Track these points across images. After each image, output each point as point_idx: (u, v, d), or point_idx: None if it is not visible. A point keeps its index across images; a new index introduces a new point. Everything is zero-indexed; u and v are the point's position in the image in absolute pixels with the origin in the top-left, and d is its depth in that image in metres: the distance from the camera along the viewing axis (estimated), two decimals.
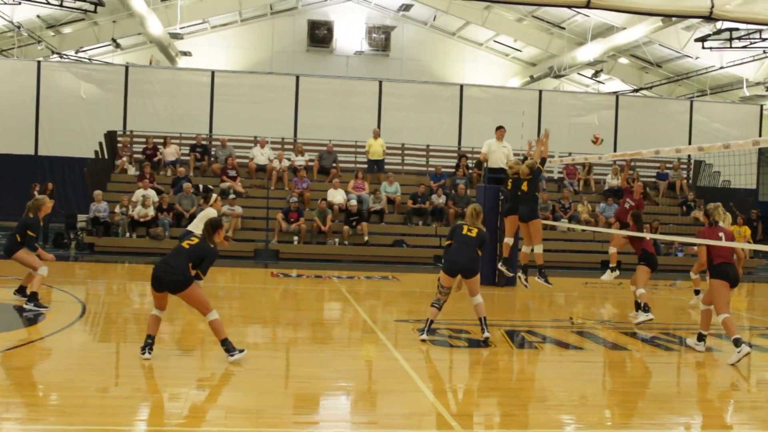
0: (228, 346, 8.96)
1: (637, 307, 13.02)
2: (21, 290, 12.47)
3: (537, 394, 8.66)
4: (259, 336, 11.26)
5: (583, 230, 22.88)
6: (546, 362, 10.25)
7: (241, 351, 9.02)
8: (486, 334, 10.60)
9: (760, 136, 28.59)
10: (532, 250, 14.31)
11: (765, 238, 28.26)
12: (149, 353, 8.88)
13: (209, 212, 13.98)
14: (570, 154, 24.67)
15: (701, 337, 10.79)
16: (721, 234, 10.31)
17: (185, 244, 9.15)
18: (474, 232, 10.74)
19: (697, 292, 15.49)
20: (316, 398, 7.99)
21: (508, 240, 14.97)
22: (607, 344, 11.32)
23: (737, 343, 9.90)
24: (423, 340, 10.43)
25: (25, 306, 11.82)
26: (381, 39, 39.82)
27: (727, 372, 9.83)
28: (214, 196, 14.59)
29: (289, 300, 15.11)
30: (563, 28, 35.39)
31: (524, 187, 13.97)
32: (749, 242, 22.38)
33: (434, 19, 40.06)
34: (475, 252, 10.73)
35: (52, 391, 7.75)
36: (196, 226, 13.76)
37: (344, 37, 39.86)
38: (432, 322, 10.66)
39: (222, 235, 9.38)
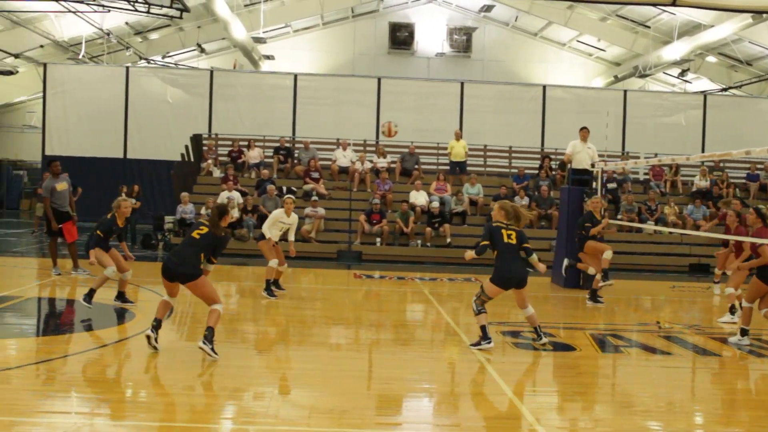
0: (208, 335, 9.06)
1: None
2: (120, 296, 12.67)
3: (623, 399, 8.50)
4: (342, 337, 11.31)
5: (671, 233, 22.40)
6: (632, 367, 10.06)
7: (214, 352, 9.01)
8: (543, 340, 10.45)
9: None
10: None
11: None
12: (154, 334, 9.14)
13: (278, 214, 14.30)
14: (656, 155, 24.21)
15: (744, 332, 11.19)
16: None
17: (195, 234, 9.35)
18: (514, 237, 10.33)
19: None
20: (399, 399, 7.99)
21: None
22: (696, 349, 11.05)
23: (745, 332, 11.20)
24: (481, 349, 10.03)
25: (82, 301, 12.02)
26: (462, 40, 39.70)
27: None
28: (285, 197, 14.86)
29: (371, 301, 15.16)
30: (648, 27, 34.76)
31: None
32: None
33: (516, 20, 39.78)
34: (522, 258, 10.38)
35: (141, 389, 7.93)
36: (267, 228, 14.15)
37: (425, 38, 39.87)
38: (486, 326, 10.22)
39: (227, 221, 9.49)
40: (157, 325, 9.18)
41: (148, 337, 9.08)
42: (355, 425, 6.92)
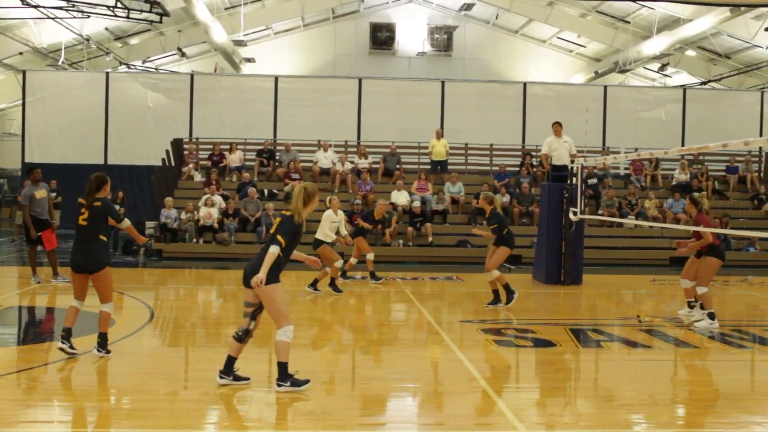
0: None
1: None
2: None
3: (604, 393, 8.56)
4: (324, 338, 11.32)
5: (651, 227, 22.52)
6: (613, 361, 10.12)
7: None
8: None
9: None
10: None
11: None
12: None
13: (329, 214, 15.17)
14: (636, 149, 24.31)
15: (712, 316, 12.05)
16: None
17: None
18: None
19: None
20: (382, 400, 8.02)
21: None
22: (676, 342, 11.12)
23: (712, 316, 11.97)
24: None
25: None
26: (443, 39, 39.74)
27: None
28: (332, 196, 15.71)
29: (353, 302, 15.16)
30: (628, 22, 34.89)
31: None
32: None
33: (496, 18, 39.86)
34: None
35: (124, 396, 7.91)
36: (322, 231, 15.07)
37: (406, 38, 39.89)
38: None
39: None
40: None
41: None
42: (338, 426, 6.94)
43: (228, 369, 8.06)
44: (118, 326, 11.35)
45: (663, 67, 36.82)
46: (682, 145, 28.02)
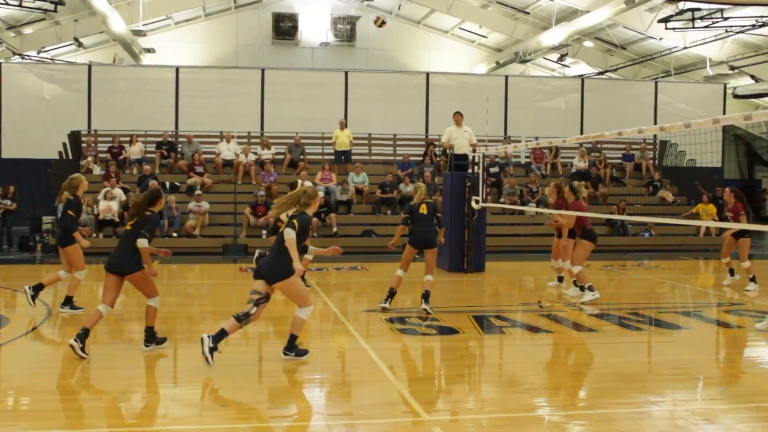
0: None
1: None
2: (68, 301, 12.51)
3: (508, 378, 8.71)
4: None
5: (551, 214, 22.97)
6: (516, 347, 10.31)
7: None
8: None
9: (724, 114, 28.80)
10: None
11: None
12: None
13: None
14: (536, 138, 24.76)
15: (591, 288, 13.31)
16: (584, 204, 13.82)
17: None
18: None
19: (731, 272, 15.59)
20: (290, 391, 8.01)
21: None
22: (576, 327, 11.40)
23: (591, 288, 13.26)
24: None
25: (60, 310, 12.16)
26: (346, 30, 39.66)
27: (696, 349, 9.95)
28: (300, 182, 14.45)
29: None
30: (528, 13, 35.43)
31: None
32: (715, 220, 22.62)
33: (399, 8, 39.96)
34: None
35: (21, 396, 7.70)
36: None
37: (309, 28, 39.67)
38: None
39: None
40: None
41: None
42: (247, 420, 6.91)
43: (217, 339, 8.51)
44: (13, 324, 11.05)
45: (562, 58, 37.54)
46: (581, 133, 28.61)
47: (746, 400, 7.66)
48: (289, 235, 8.52)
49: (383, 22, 17.10)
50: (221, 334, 8.53)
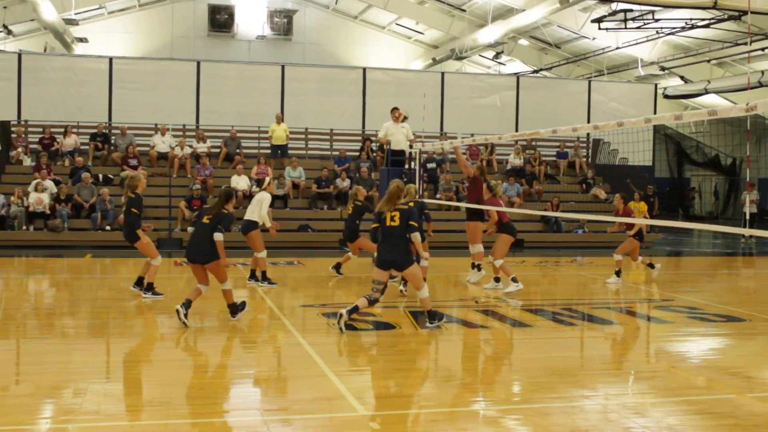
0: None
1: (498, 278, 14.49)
2: (139, 282, 13.22)
3: (444, 373, 8.79)
4: (165, 326, 11.08)
5: (486, 210, 23.19)
6: (451, 342, 10.38)
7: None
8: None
9: (654, 114, 29.34)
10: None
11: (661, 213, 29.16)
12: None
13: (263, 196, 14.51)
14: (472, 135, 24.95)
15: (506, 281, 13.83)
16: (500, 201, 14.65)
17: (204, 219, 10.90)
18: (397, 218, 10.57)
19: (618, 273, 15.89)
20: (225, 387, 7.96)
21: None
22: (512, 322, 11.54)
23: (515, 280, 13.76)
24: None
25: (143, 296, 12.76)
26: (283, 23, 39.44)
27: (627, 344, 10.15)
28: (267, 179, 15.20)
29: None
30: (464, 11, 35.68)
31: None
32: (646, 217, 23.04)
33: (336, 3, 39.92)
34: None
35: None
36: (251, 212, 14.47)
37: (246, 21, 39.35)
38: None
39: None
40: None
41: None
42: (180, 416, 6.84)
43: (351, 312, 10.17)
44: None
45: (497, 55, 37.86)
46: (516, 131, 28.87)
47: (675, 394, 7.84)
48: (418, 237, 10.63)
49: (405, 118, 17.56)
50: (354, 309, 10.17)
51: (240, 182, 23.28)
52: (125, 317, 11.65)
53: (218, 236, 10.55)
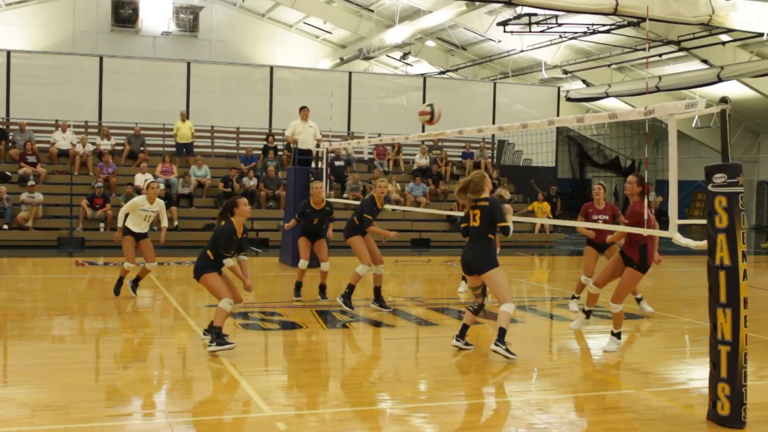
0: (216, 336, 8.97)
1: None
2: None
3: (350, 372, 8.81)
4: (66, 328, 10.83)
5: (393, 210, 23.34)
6: (359, 341, 10.43)
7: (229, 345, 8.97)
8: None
9: (557, 116, 29.93)
10: None
11: (564, 213, 29.81)
12: None
13: (139, 201, 12.89)
14: (380, 134, 25.06)
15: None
16: None
17: None
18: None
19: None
20: (129, 389, 7.82)
21: None
22: (418, 321, 11.64)
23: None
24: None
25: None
26: (189, 19, 38.88)
27: (531, 342, 10.34)
28: (150, 181, 13.38)
29: (96, 289, 14.57)
30: (372, 11, 35.78)
31: None
32: (549, 217, 23.56)
33: (243, 0, 39.59)
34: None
35: None
36: (131, 220, 12.79)
37: (150, 16, 38.66)
38: None
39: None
40: None
41: None
42: (83, 419, 6.68)
43: (462, 334, 9.49)
44: None
45: (405, 56, 38.12)
46: (422, 131, 29.05)
47: (576, 390, 8.04)
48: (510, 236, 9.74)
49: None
50: (464, 329, 9.49)
51: (144, 181, 22.86)
52: (23, 319, 11.33)
53: (228, 262, 9.48)
